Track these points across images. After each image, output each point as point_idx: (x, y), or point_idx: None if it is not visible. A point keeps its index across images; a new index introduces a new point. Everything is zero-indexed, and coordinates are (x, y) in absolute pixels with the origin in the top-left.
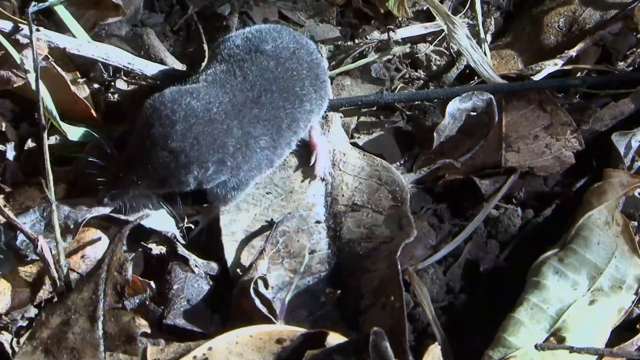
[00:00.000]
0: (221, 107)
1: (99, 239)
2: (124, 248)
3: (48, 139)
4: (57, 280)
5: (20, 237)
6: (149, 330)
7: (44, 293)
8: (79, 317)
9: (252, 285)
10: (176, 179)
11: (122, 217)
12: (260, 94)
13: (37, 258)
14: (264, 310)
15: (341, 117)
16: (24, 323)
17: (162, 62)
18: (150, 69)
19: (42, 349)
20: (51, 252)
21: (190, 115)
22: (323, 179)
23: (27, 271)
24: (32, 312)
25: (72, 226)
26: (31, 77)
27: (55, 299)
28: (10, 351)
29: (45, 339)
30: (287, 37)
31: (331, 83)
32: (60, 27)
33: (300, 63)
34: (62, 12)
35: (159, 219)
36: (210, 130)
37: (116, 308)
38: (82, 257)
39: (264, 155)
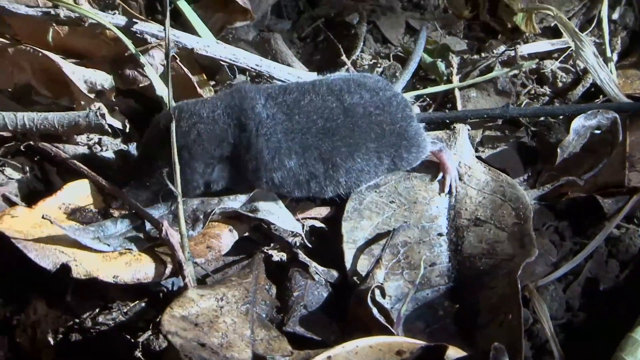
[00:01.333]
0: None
1: (224, 233)
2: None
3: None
4: (182, 263)
5: (148, 224)
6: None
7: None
8: (230, 310)
9: (369, 294)
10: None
11: (251, 214)
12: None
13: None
14: (381, 319)
15: (469, 129)
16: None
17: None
18: (278, 71)
19: (191, 321)
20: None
21: None
22: (449, 193)
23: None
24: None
25: (201, 217)
26: (153, 76)
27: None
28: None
29: (194, 314)
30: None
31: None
32: (187, 29)
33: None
34: (190, 13)
35: (286, 219)
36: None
37: (264, 319)
38: (208, 247)
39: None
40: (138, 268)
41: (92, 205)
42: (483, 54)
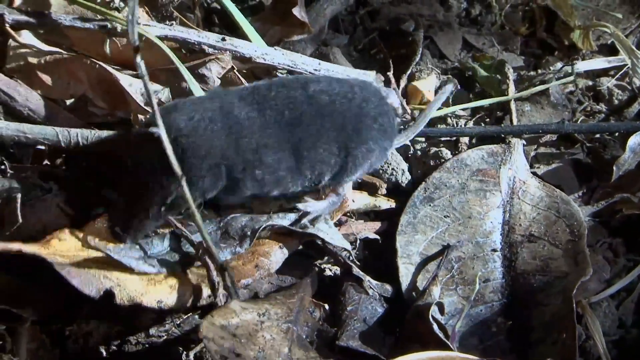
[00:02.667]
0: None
1: (274, 250)
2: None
3: None
4: (216, 285)
5: (187, 245)
6: None
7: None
8: (271, 326)
9: (430, 310)
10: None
11: (300, 230)
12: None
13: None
14: (441, 335)
15: (524, 144)
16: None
17: None
18: (337, 74)
19: (230, 332)
20: (218, 259)
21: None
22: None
23: (196, 272)
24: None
25: (249, 233)
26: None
27: (226, 301)
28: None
29: (234, 325)
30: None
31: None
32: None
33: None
34: (246, 26)
35: (335, 236)
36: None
37: (304, 339)
38: (256, 266)
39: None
40: (183, 291)
41: None
42: (539, 71)
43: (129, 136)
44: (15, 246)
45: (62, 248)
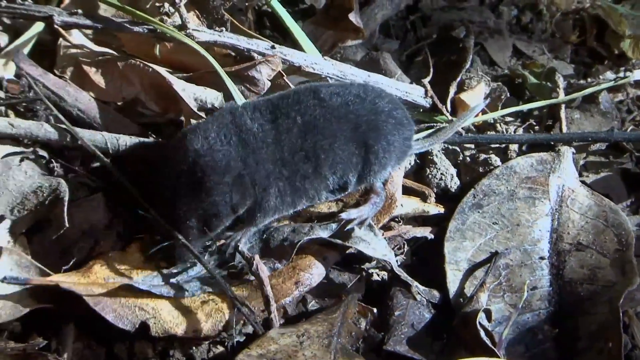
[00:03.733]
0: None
1: (316, 264)
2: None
3: None
4: (270, 299)
5: (238, 257)
6: None
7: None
8: (311, 344)
9: (477, 317)
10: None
11: (339, 242)
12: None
13: (249, 279)
14: (488, 342)
15: (573, 152)
16: (241, 338)
17: None
18: (386, 86)
19: (268, 358)
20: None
21: None
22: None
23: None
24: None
25: (288, 247)
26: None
27: (279, 322)
28: None
29: (272, 352)
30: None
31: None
32: (295, 46)
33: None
34: (297, 31)
35: (378, 246)
36: None
37: (349, 349)
38: (296, 283)
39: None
40: (219, 319)
41: None
42: (589, 79)
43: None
44: (54, 279)
45: (103, 274)
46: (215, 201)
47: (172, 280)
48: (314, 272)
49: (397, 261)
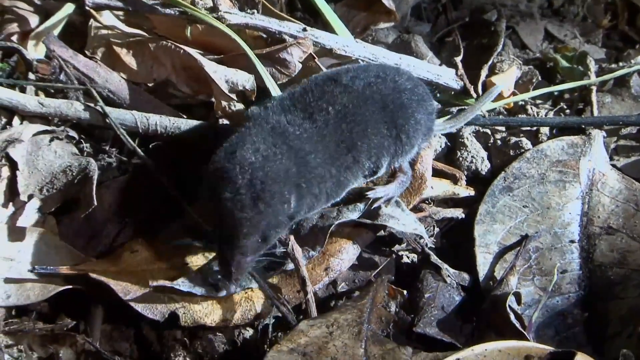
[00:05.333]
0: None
1: (346, 248)
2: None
3: None
4: (306, 280)
5: (279, 248)
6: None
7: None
8: (341, 334)
9: (507, 300)
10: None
11: (369, 222)
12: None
13: (285, 269)
14: (517, 325)
15: (604, 136)
16: (270, 321)
17: None
18: (418, 69)
19: (299, 352)
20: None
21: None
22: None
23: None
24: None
25: (320, 235)
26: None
27: (314, 314)
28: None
29: (303, 345)
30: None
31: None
32: (326, 28)
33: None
34: (329, 13)
35: (408, 222)
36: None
37: (380, 335)
38: (326, 269)
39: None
40: (248, 307)
41: None
42: (621, 63)
43: (208, 134)
44: (83, 268)
45: (133, 262)
46: (277, 211)
47: (211, 279)
48: (344, 257)
49: (426, 244)
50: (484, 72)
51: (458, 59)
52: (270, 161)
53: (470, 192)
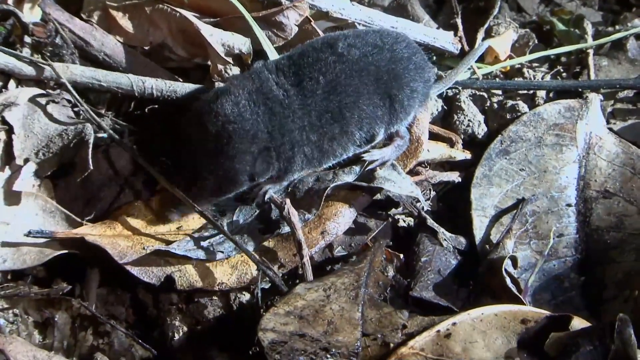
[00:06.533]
0: None
1: (343, 211)
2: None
3: None
4: (302, 244)
5: (275, 211)
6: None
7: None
8: (338, 297)
9: (503, 264)
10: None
11: (365, 184)
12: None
13: (281, 232)
14: (513, 289)
15: (601, 99)
16: (266, 285)
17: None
18: (414, 32)
19: (295, 315)
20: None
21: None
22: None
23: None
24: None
25: (316, 198)
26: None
27: (310, 277)
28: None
29: (299, 307)
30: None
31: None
32: None
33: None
34: None
35: (404, 184)
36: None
37: (377, 299)
38: (322, 232)
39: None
40: (244, 271)
41: None
42: (617, 27)
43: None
44: (79, 232)
45: (129, 226)
46: (236, 168)
47: (206, 243)
48: (340, 220)
49: (423, 208)
50: (480, 35)
51: (458, 20)
52: (243, 119)
53: (467, 155)
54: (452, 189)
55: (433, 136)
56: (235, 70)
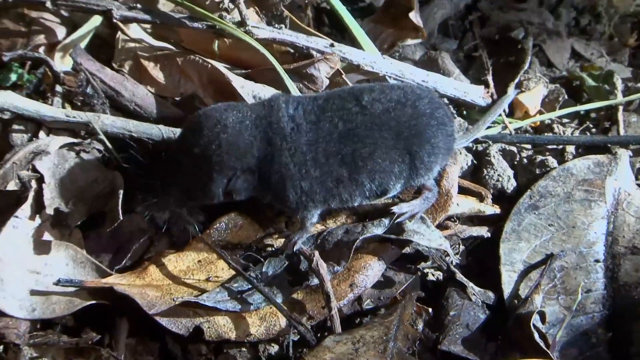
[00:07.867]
0: None
1: (372, 264)
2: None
3: None
4: (330, 296)
5: (304, 263)
6: None
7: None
8: (367, 351)
9: (532, 318)
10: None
11: (394, 237)
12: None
13: (310, 284)
14: (541, 344)
15: (630, 155)
16: (295, 337)
17: None
18: (444, 86)
19: None
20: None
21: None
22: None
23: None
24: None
25: (345, 250)
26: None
27: (338, 330)
28: None
29: None
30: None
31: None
32: (354, 44)
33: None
34: (356, 29)
35: (433, 237)
36: None
37: (405, 352)
38: (351, 285)
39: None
40: (273, 322)
41: (246, 238)
42: None
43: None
44: (109, 281)
45: (158, 276)
46: (214, 178)
47: (235, 294)
48: (369, 273)
49: (452, 262)
50: (510, 90)
51: (489, 76)
52: (239, 135)
53: (496, 210)
54: (481, 243)
55: (462, 190)
56: None
